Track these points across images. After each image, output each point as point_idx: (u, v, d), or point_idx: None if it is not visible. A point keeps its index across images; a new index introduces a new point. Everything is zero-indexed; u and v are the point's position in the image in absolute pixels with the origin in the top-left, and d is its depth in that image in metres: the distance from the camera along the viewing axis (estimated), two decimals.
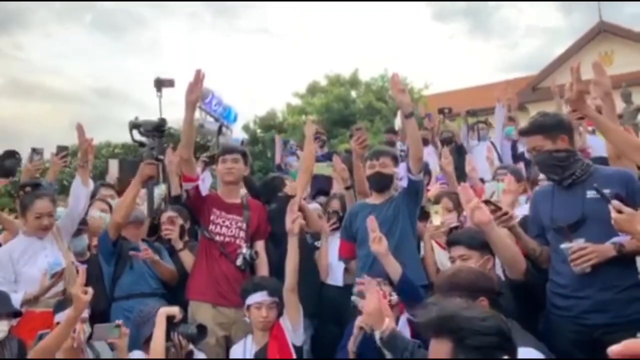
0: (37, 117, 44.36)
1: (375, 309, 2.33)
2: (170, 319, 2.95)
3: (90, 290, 2.54)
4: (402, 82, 3.32)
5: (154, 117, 3.66)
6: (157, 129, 3.55)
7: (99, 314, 3.25)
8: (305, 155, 4.10)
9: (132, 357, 3.01)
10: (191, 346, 3.00)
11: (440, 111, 7.14)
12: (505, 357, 1.44)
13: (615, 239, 2.37)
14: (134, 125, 3.84)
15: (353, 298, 2.77)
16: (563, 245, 2.44)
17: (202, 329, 2.99)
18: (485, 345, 1.42)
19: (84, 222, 3.77)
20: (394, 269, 2.79)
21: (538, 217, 2.70)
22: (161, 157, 3.60)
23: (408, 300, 2.75)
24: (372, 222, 2.84)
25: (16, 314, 2.88)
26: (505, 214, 2.55)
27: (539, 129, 2.57)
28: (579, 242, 2.41)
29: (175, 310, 3.00)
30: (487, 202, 2.58)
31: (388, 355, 2.31)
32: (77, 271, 3.19)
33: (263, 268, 3.57)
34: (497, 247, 2.48)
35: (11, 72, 50.14)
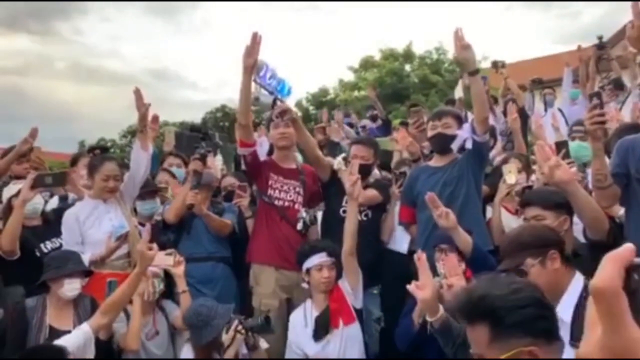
0: (97, 100, 46.21)
1: (431, 299, 2.28)
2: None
3: (155, 246, 2.58)
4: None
5: (204, 95, 3.78)
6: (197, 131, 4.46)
7: None
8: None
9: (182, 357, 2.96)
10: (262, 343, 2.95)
11: (494, 65, 6.83)
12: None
13: None
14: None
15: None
16: None
17: (268, 320, 2.90)
18: (526, 318, 1.30)
19: (156, 188, 3.84)
20: (464, 241, 2.63)
21: (624, 162, 2.47)
22: (202, 151, 3.71)
23: (479, 269, 2.62)
24: (432, 200, 2.64)
25: (87, 273, 2.97)
26: (603, 114, 2.33)
27: None
28: None
29: None
30: (595, 94, 2.35)
31: (441, 341, 2.27)
32: (140, 235, 3.27)
33: (314, 232, 3.62)
34: (579, 205, 2.32)
35: (72, 56, 52.32)
